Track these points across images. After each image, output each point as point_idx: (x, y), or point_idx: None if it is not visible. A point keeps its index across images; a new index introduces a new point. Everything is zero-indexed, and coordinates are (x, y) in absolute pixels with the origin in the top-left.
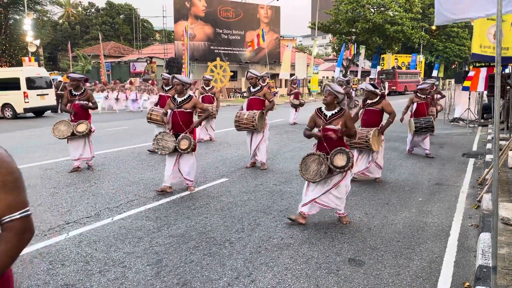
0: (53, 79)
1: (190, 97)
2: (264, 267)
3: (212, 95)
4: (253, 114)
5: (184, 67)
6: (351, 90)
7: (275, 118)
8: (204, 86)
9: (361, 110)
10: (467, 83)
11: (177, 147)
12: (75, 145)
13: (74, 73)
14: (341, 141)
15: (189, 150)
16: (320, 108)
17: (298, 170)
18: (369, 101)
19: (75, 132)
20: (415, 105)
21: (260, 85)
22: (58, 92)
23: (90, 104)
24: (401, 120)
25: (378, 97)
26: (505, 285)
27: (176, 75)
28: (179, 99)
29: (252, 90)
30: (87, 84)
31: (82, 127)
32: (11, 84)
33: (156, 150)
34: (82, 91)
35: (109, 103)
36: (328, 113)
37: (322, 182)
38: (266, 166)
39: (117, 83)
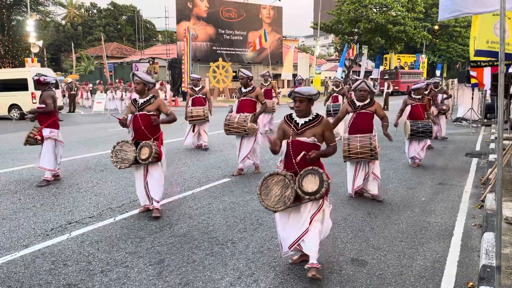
0: (60, 80)
1: (153, 97)
2: (266, 267)
3: (203, 96)
4: (245, 117)
5: (184, 75)
6: (346, 90)
7: (278, 118)
8: (193, 87)
9: (351, 114)
10: (474, 80)
11: (137, 158)
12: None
13: (43, 74)
14: (318, 159)
15: (150, 159)
16: (290, 115)
17: (257, 194)
18: (360, 103)
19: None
20: (409, 107)
21: (252, 86)
22: (72, 93)
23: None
24: (396, 125)
25: (370, 98)
26: (509, 285)
27: (136, 73)
28: (140, 101)
29: (244, 90)
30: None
31: (27, 133)
32: (19, 85)
33: (114, 164)
34: (41, 93)
35: (115, 104)
36: (300, 121)
37: (295, 215)
38: (260, 169)
39: (121, 82)
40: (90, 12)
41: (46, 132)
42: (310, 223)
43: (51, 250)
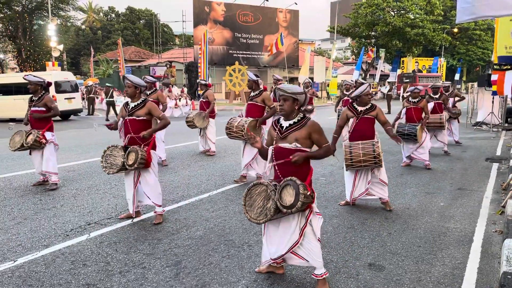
0: (80, 83)
1: (144, 101)
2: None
3: (204, 100)
4: (245, 122)
5: (200, 76)
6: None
7: None
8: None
9: (351, 119)
10: (494, 88)
11: (125, 163)
12: (33, 158)
13: (31, 75)
14: (305, 164)
15: (136, 165)
16: (278, 119)
17: (242, 205)
18: (362, 108)
19: (24, 143)
20: (404, 110)
21: (259, 89)
22: (90, 96)
23: (51, 111)
24: (393, 126)
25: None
26: None
27: (127, 75)
28: (131, 105)
29: (251, 94)
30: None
31: (29, 138)
32: None
33: (103, 169)
34: (39, 95)
35: None
36: (285, 124)
37: (283, 225)
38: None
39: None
40: (109, 16)
41: (48, 135)
42: (300, 235)
43: (71, 250)
